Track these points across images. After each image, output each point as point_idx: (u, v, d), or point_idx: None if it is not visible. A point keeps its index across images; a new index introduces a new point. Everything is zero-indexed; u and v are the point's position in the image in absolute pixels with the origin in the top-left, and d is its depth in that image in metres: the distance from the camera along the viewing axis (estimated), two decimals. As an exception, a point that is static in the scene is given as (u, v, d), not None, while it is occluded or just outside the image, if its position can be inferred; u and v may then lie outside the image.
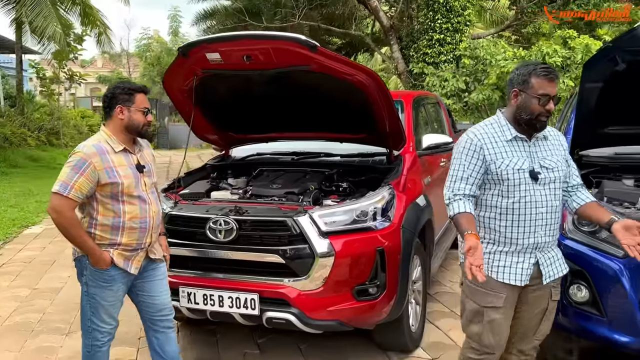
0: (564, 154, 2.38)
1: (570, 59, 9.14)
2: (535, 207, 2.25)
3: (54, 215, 2.47)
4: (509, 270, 2.30)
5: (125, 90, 2.58)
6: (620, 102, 3.09)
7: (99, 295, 2.60)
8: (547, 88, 2.21)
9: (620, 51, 2.79)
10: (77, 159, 2.46)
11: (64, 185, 2.43)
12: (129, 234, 2.57)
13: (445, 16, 11.00)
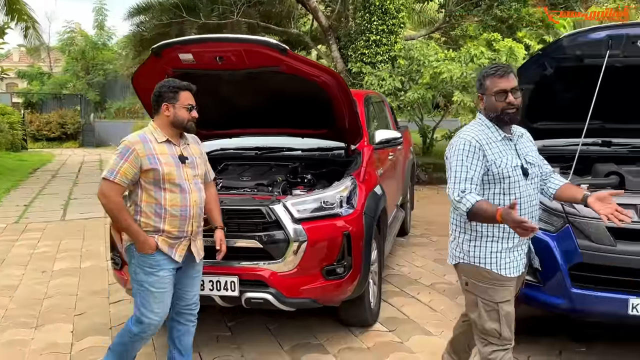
0: (535, 148, 2.57)
1: (495, 60, 9.87)
2: (529, 201, 2.40)
3: (103, 200, 2.63)
4: (512, 265, 2.42)
5: (171, 89, 2.75)
6: (547, 101, 3.61)
7: (146, 282, 2.70)
8: (500, 84, 2.36)
9: (548, 58, 3.29)
10: (122, 147, 2.66)
11: (110, 171, 2.61)
12: (171, 221, 2.69)
13: (381, 18, 11.53)
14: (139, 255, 2.69)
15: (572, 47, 3.16)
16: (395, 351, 3.59)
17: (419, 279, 5.04)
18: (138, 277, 2.72)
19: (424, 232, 6.93)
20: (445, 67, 9.38)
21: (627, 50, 3.08)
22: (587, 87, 3.43)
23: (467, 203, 2.25)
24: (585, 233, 2.89)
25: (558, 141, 3.93)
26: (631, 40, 3.02)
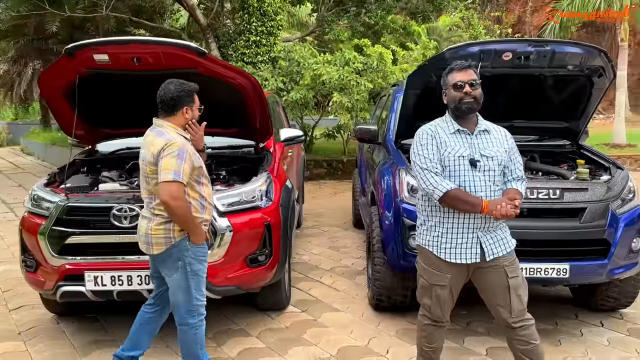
0: (507, 147, 2.67)
1: (366, 64, 10.71)
2: (475, 191, 2.55)
3: (173, 202, 2.67)
4: (454, 251, 2.60)
5: (188, 93, 2.91)
6: (430, 104, 4.23)
7: (201, 270, 2.91)
8: (459, 77, 2.61)
9: (432, 68, 3.90)
10: (177, 148, 2.72)
11: (177, 173, 2.67)
12: (209, 211, 2.95)
13: (260, 20, 11.88)
14: (194, 247, 2.86)
15: (452, 59, 3.78)
16: (311, 327, 3.99)
17: (319, 264, 5.50)
18: (194, 267, 2.87)
19: (314, 223, 7.43)
20: (325, 70, 10.00)
21: (494, 62, 3.79)
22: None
23: (440, 189, 2.53)
24: (469, 212, 3.51)
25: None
26: (498, 54, 3.73)
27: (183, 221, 2.78)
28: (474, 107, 2.62)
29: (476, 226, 2.60)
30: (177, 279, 2.87)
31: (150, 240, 2.85)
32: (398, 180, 3.85)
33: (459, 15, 24.84)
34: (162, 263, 2.90)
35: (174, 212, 2.72)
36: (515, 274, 2.67)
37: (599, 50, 3.73)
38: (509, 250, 2.66)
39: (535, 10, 31.82)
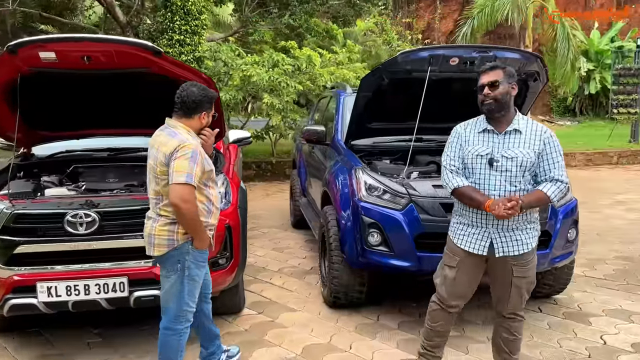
0: (537, 149, 2.67)
1: (294, 67, 10.80)
2: (488, 189, 2.68)
3: (185, 205, 2.62)
4: (465, 239, 2.79)
5: (210, 99, 2.93)
6: (380, 106, 4.40)
7: (198, 275, 2.88)
8: (482, 79, 2.72)
9: (385, 71, 4.05)
10: (190, 151, 2.67)
11: (189, 176, 2.63)
12: (215, 215, 2.93)
13: (184, 18, 11.56)
14: (196, 252, 2.82)
15: (404, 62, 3.97)
16: (271, 328, 3.99)
17: (266, 266, 5.49)
18: (192, 272, 2.83)
19: (253, 225, 7.38)
20: (255, 71, 9.96)
21: (442, 66, 4.00)
22: (411, 95, 4.32)
23: (450, 185, 2.76)
24: (425, 209, 3.70)
25: (383, 139, 4.78)
26: (446, 59, 3.95)
27: (191, 225, 2.73)
28: (492, 107, 2.69)
29: (489, 222, 2.72)
30: (173, 281, 2.82)
31: (152, 241, 2.80)
32: (355, 180, 3.96)
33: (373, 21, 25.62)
34: (161, 264, 2.85)
35: (184, 215, 2.67)
36: (522, 274, 2.80)
37: (536, 56, 4.06)
38: (521, 252, 2.75)
39: (443, 17, 33.53)
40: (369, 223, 3.78)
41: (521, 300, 2.88)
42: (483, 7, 14.98)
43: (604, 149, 15.42)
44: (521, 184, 2.70)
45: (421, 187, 3.77)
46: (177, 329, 2.88)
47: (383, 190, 3.83)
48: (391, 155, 4.64)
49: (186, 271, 2.82)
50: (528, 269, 2.83)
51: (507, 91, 2.70)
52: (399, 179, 3.96)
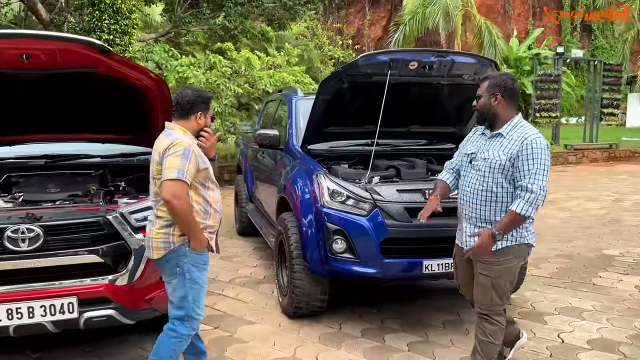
0: (510, 153, 2.73)
1: (232, 69, 10.56)
2: (465, 186, 2.93)
3: (176, 201, 2.59)
4: (458, 234, 3.08)
5: (204, 100, 2.90)
6: (338, 110, 4.31)
7: (200, 279, 2.80)
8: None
9: (345, 74, 3.97)
10: (182, 148, 2.66)
11: (180, 172, 2.61)
12: (214, 217, 2.88)
13: (113, 17, 10.97)
14: (193, 253, 2.76)
15: (365, 66, 3.90)
16: (230, 344, 3.78)
17: (217, 277, 5.25)
18: (193, 275, 2.77)
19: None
20: (191, 73, 9.63)
21: (401, 70, 3.97)
22: (369, 98, 4.26)
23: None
24: (390, 214, 3.64)
25: (340, 143, 4.70)
26: (405, 63, 3.93)
27: (184, 222, 2.69)
28: (477, 118, 2.96)
29: (465, 217, 2.96)
30: (175, 286, 2.78)
31: (151, 244, 2.78)
32: (317, 186, 3.84)
33: (305, 25, 25.68)
34: (161, 268, 2.82)
35: (175, 211, 2.64)
36: (486, 272, 2.85)
37: (490, 61, 4.13)
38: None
39: (372, 23, 34.21)
40: (333, 230, 3.68)
41: (485, 298, 2.90)
42: (414, 14, 15.36)
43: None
44: (489, 185, 2.81)
45: (386, 192, 3.71)
46: (180, 333, 2.82)
47: (346, 196, 3.74)
48: (349, 160, 4.57)
49: (187, 274, 2.76)
50: (493, 270, 2.84)
51: (486, 103, 2.87)
52: (362, 184, 3.88)
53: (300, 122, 4.86)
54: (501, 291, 2.89)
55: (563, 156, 16.57)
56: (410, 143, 4.89)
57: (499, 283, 2.87)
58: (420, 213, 3.09)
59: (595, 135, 17.61)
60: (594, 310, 4.35)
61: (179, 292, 2.78)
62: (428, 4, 14.87)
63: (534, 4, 34.65)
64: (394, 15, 32.75)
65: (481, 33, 16.28)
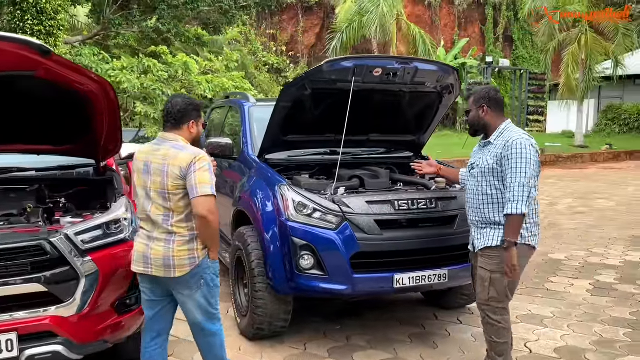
0: (497, 157, 3.00)
1: (169, 73, 10.11)
2: (468, 193, 3.21)
3: (212, 217, 2.61)
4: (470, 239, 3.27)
5: (196, 107, 2.84)
6: (300, 117, 4.11)
7: (218, 283, 2.85)
8: None
9: (308, 81, 3.77)
10: (207, 162, 2.66)
11: (213, 187, 2.62)
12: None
13: (37, 18, 10.18)
14: (214, 263, 2.80)
15: (328, 72, 3.72)
16: (189, 373, 3.47)
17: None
18: (215, 282, 2.82)
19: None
20: (125, 77, 9.09)
21: (366, 77, 3.83)
22: (330, 106, 4.09)
23: None
24: (360, 227, 3.47)
25: (298, 152, 4.49)
26: (370, 69, 3.78)
27: (215, 236, 2.75)
28: (470, 131, 3.26)
29: (471, 222, 3.19)
30: (199, 296, 2.77)
31: (172, 263, 2.67)
32: (280, 198, 3.61)
33: (238, 30, 25.28)
34: (182, 285, 2.74)
35: (211, 226, 2.65)
36: (485, 265, 3.06)
37: (452, 69, 4.07)
38: (486, 245, 3.05)
39: (306, 30, 34.27)
40: (300, 245, 3.46)
41: (483, 292, 3.08)
42: (351, 22, 15.44)
43: (461, 157, 16.74)
44: (483, 188, 3.07)
45: (354, 204, 3.54)
46: (216, 330, 2.87)
47: (313, 209, 3.53)
48: (308, 170, 4.36)
49: (211, 283, 2.79)
50: (492, 264, 3.03)
51: (475, 116, 3.15)
52: (328, 195, 3.69)
53: (255, 130, 4.61)
54: (499, 287, 3.02)
55: (494, 162, 17.19)
56: (369, 151, 4.76)
57: (497, 278, 3.01)
58: (419, 166, 3.88)
59: (522, 141, 18.40)
60: (554, 317, 4.38)
61: (204, 301, 2.79)
62: (364, 12, 15.01)
63: (459, 15, 36.08)
64: (327, 22, 33.00)
65: (416, 42, 16.64)
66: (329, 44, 17.08)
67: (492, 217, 3.05)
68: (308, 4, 32.64)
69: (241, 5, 15.11)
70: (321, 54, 32.16)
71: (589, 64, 19.21)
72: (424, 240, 3.64)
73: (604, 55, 19.53)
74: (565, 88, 19.21)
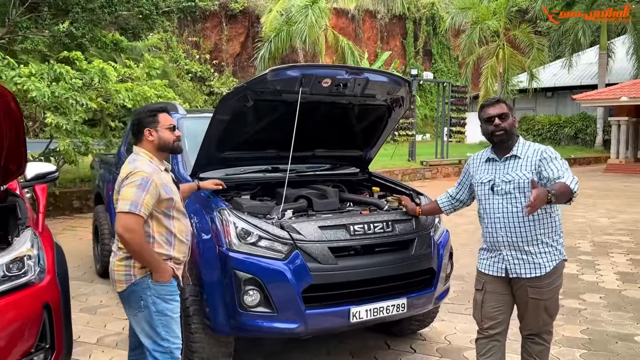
0: (534, 169, 2.76)
1: (82, 80, 9.24)
2: (493, 213, 2.84)
3: (128, 235, 2.46)
4: (485, 262, 2.94)
5: (148, 114, 2.72)
6: (239, 132, 3.67)
7: (168, 309, 2.62)
8: (490, 111, 2.85)
9: (250, 91, 3.35)
10: (140, 178, 2.52)
11: (134, 204, 2.47)
12: (179, 248, 2.71)
13: None
14: (157, 285, 2.60)
15: (273, 82, 3.31)
16: None
17: (78, 338, 4.22)
18: (159, 307, 2.60)
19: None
20: (33, 85, 8.18)
21: (314, 88, 3.46)
22: (275, 119, 3.70)
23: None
24: (312, 255, 3.09)
25: (236, 170, 4.03)
26: (317, 80, 3.42)
27: (139, 256, 2.54)
28: (503, 138, 2.84)
29: (501, 244, 2.84)
30: (141, 319, 2.60)
31: (113, 277, 2.63)
32: (220, 224, 3.15)
33: (158, 37, 24.29)
34: (124, 302, 2.66)
35: (128, 245, 2.50)
36: (538, 296, 2.81)
37: (405, 81, 3.80)
38: (536, 274, 2.79)
39: (230, 39, 33.61)
40: (244, 279, 3.02)
41: (539, 322, 2.89)
42: (279, 31, 15.10)
43: (390, 168, 16.86)
44: (521, 203, 2.77)
45: (306, 230, 3.15)
46: None
47: (259, 236, 3.11)
48: (249, 190, 3.92)
49: (152, 307, 2.58)
50: (544, 292, 2.82)
51: (513, 122, 2.88)
52: (274, 219, 3.27)
53: (186, 145, 4.10)
54: (552, 311, 2.91)
55: (420, 172, 17.47)
56: (314, 168, 4.39)
57: (551, 304, 2.88)
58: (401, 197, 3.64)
59: (446, 152, 18.89)
60: (508, 340, 4.20)
61: (147, 325, 2.61)
62: (292, 22, 14.70)
63: (381, 28, 36.89)
64: (252, 31, 32.53)
65: (344, 54, 16.58)
66: (257, 53, 16.64)
67: (538, 236, 2.79)
68: (232, 12, 32.05)
69: (163, 11, 14.36)
70: (247, 62, 31.64)
71: (506, 77, 20.07)
72: (381, 267, 3.31)
73: (520, 69, 20.48)
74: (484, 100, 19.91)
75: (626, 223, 9.49)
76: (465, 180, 3.13)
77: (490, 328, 2.92)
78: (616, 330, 4.40)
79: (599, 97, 19.51)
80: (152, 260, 2.57)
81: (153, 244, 2.62)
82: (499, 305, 2.91)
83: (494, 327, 2.92)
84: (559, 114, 27.72)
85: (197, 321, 3.19)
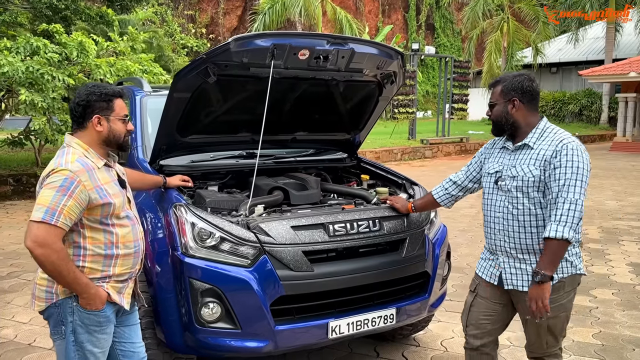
0: (540, 164, 2.30)
1: (62, 55, 8.69)
2: (493, 210, 2.44)
3: (38, 250, 1.94)
4: (481, 263, 2.55)
5: (102, 97, 2.15)
6: (204, 112, 3.16)
7: (90, 343, 2.11)
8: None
9: (212, 64, 2.82)
10: (62, 178, 2.00)
11: (50, 212, 1.96)
12: (123, 262, 2.17)
13: None
14: (82, 312, 2.09)
15: (239, 52, 2.78)
16: None
17: (34, 341, 3.79)
18: (79, 337, 2.10)
19: (11, 270, 5.40)
20: (5, 60, 7.63)
21: (288, 61, 2.94)
22: (245, 97, 3.19)
23: None
24: (283, 261, 2.61)
25: (205, 155, 3.54)
26: (293, 51, 2.89)
27: (56, 277, 2.03)
28: (493, 130, 2.51)
29: (498, 248, 2.44)
30: (58, 347, 2.14)
31: (34, 292, 2.15)
32: (175, 223, 2.67)
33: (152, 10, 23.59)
34: (48, 322, 2.16)
35: (39, 263, 1.99)
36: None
37: (397, 53, 3.27)
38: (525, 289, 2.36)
39: (227, 13, 32.77)
40: (202, 290, 2.55)
41: (542, 343, 2.46)
42: (274, 3, 14.43)
43: (389, 146, 16.34)
44: (525, 206, 2.34)
45: (276, 231, 2.66)
46: None
47: (220, 238, 2.62)
48: (217, 179, 3.42)
49: (71, 336, 2.10)
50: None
51: (503, 111, 2.41)
52: (240, 217, 2.79)
53: (149, 128, 3.61)
54: (557, 331, 2.45)
55: (420, 151, 16.95)
56: (295, 153, 3.89)
57: (555, 323, 2.41)
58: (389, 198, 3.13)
59: (447, 129, 18.31)
60: (512, 346, 3.76)
61: (63, 356, 2.13)
62: (288, -7, 14.10)
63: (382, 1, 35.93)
64: (249, 5, 31.67)
65: (342, 27, 15.89)
66: (251, 26, 15.98)
67: (534, 244, 2.34)
68: (229, -15, 31.19)
69: (152, -19, 13.69)
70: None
71: (510, 52, 19.37)
72: (366, 273, 2.83)
73: (525, 44, 19.77)
74: (488, 75, 19.30)
75: (636, 206, 9.01)
76: (474, 167, 2.67)
77: (474, 337, 2.55)
78: (632, 335, 3.95)
79: (607, 72, 18.88)
80: (76, 282, 2.03)
81: (85, 258, 2.09)
82: (489, 313, 2.53)
83: (478, 337, 2.54)
84: (564, 90, 27.02)
85: (149, 335, 2.73)
